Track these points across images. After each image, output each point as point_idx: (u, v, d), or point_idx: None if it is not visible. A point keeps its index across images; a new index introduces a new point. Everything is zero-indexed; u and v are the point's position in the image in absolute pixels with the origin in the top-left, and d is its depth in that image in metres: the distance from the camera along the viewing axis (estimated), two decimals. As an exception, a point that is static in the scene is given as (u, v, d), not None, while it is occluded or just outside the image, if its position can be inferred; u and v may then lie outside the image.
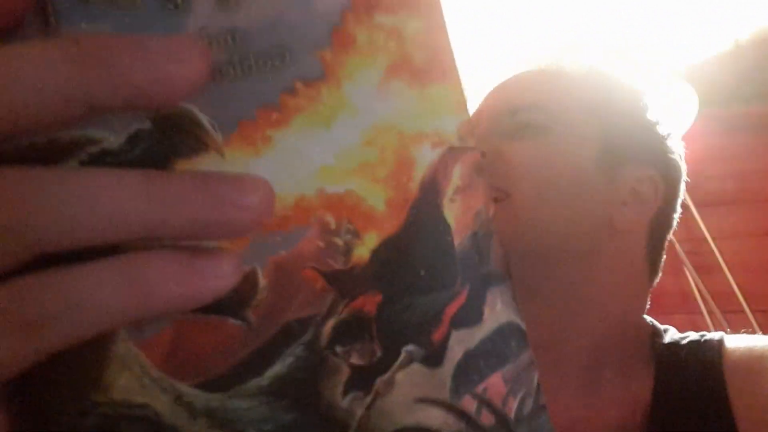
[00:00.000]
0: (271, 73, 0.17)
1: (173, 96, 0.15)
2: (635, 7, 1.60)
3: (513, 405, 0.20)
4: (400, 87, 0.18)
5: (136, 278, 0.15)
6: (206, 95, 0.16)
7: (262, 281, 0.18)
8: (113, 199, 0.15)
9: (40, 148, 0.15)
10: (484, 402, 0.20)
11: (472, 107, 0.61)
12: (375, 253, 0.18)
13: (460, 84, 0.19)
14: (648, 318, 0.58)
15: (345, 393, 0.19)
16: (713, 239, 1.80)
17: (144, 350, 0.17)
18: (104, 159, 0.16)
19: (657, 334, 0.57)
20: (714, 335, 0.55)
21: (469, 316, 0.20)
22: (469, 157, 0.19)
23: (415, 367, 0.19)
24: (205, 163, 0.17)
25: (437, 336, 0.19)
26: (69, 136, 0.16)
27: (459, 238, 0.19)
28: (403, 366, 0.19)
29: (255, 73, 0.17)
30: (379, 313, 0.19)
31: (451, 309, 0.19)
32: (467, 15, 1.67)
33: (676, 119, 1.70)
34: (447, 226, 0.19)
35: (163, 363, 0.18)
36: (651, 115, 0.58)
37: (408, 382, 0.19)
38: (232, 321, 0.18)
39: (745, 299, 1.73)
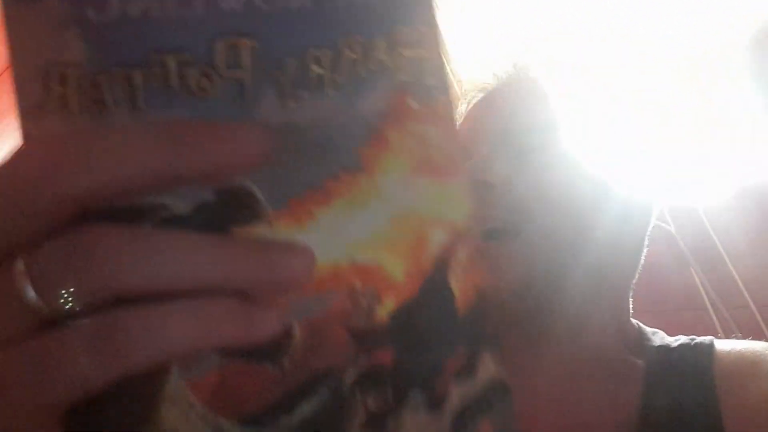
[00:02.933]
0: (318, 162, 0.21)
1: (238, 172, 0.20)
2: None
3: None
4: (422, 181, 0.22)
5: (203, 317, 0.19)
6: (264, 175, 0.20)
7: (298, 334, 0.21)
8: (188, 256, 0.19)
9: (121, 210, 0.19)
10: None
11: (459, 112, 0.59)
12: (393, 315, 0.22)
13: (466, 182, 0.23)
14: (633, 321, 0.58)
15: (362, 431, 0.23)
16: (717, 235, 1.79)
17: (192, 389, 0.20)
18: (173, 223, 0.20)
19: (644, 336, 0.57)
20: (704, 339, 0.55)
21: (466, 371, 0.24)
22: (471, 242, 0.23)
23: (422, 412, 0.23)
24: (258, 232, 0.20)
25: (440, 387, 0.23)
26: (144, 203, 0.19)
27: (462, 307, 0.23)
28: (411, 411, 0.23)
29: (306, 161, 0.21)
30: (393, 365, 0.23)
31: (452, 365, 0.23)
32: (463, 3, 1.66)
33: (682, 113, 1.69)
34: (452, 296, 0.23)
35: (208, 401, 0.21)
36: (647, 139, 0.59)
37: (414, 424, 0.23)
38: (269, 367, 0.21)
39: (750, 294, 1.72)
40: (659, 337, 0.56)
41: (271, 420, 0.21)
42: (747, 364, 0.50)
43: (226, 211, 0.20)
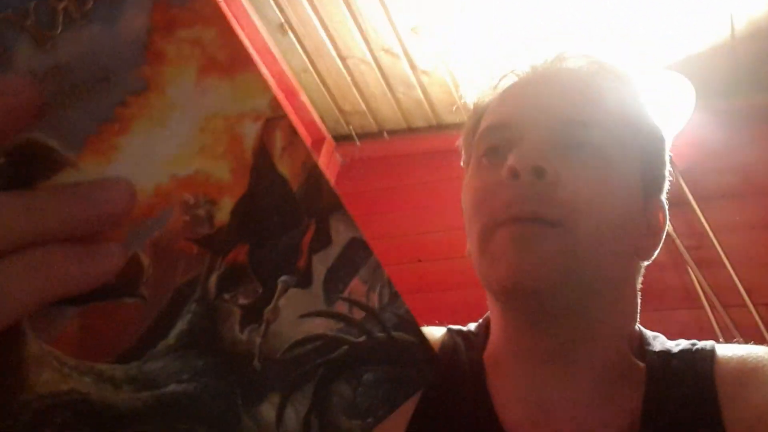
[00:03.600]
0: (102, 94, 0.20)
1: (13, 126, 0.19)
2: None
3: (375, 298, 0.25)
4: (213, 82, 0.22)
5: (39, 266, 0.18)
6: (50, 122, 0.20)
7: (146, 260, 0.21)
8: None
9: None
10: (352, 301, 0.25)
11: (500, 104, 0.57)
12: (233, 213, 0.23)
13: (258, 70, 0.23)
14: (637, 326, 0.58)
15: (242, 329, 0.23)
16: (714, 233, 1.79)
17: (56, 346, 0.20)
18: None
19: (645, 341, 0.56)
20: (706, 344, 0.54)
21: (321, 241, 0.24)
22: (284, 122, 0.23)
23: (292, 291, 0.24)
24: (64, 178, 0.20)
25: (301, 263, 0.24)
26: None
27: (296, 185, 0.24)
28: (282, 294, 0.24)
29: (88, 97, 0.20)
30: (250, 259, 0.23)
31: (306, 239, 0.24)
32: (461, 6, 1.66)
33: (674, 112, 1.69)
34: (282, 178, 0.23)
35: (78, 351, 0.21)
36: (666, 139, 0.58)
37: (290, 305, 0.24)
38: (128, 300, 0.21)
39: (747, 293, 1.72)
40: (660, 342, 0.56)
41: (149, 348, 0.22)
42: (748, 370, 0.50)
43: (23, 170, 0.20)
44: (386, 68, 1.93)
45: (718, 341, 0.55)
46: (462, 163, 0.62)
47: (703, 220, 1.80)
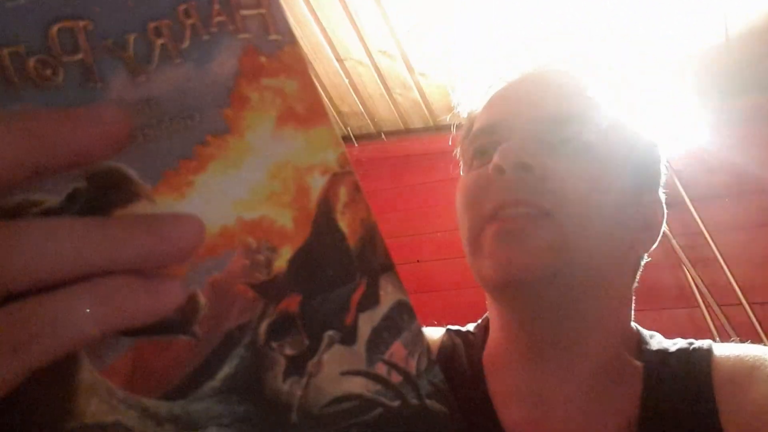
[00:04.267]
0: (185, 131, 0.21)
1: (102, 153, 0.19)
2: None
3: (413, 363, 0.26)
4: (289, 132, 0.23)
5: (105, 297, 0.19)
6: (132, 153, 0.20)
7: (203, 300, 0.22)
8: (71, 242, 0.18)
9: None
10: (392, 365, 0.25)
11: (488, 103, 0.58)
12: (291, 262, 0.23)
13: (332, 125, 0.24)
14: (633, 324, 0.58)
15: (284, 379, 0.23)
16: (709, 232, 1.80)
17: (107, 376, 0.20)
18: (48, 216, 0.19)
19: (643, 340, 0.56)
20: (703, 343, 0.54)
21: (370, 300, 0.25)
22: (350, 179, 0.24)
23: (336, 347, 0.24)
24: (139, 209, 0.21)
25: (348, 320, 0.24)
26: (13, 202, 0.19)
27: (353, 241, 0.24)
28: (327, 348, 0.24)
29: (172, 132, 0.21)
30: (301, 309, 0.23)
31: (356, 297, 0.24)
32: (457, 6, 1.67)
33: (670, 112, 1.70)
34: (342, 233, 0.24)
35: (127, 383, 0.21)
36: (659, 139, 0.58)
37: (333, 361, 0.24)
38: (182, 337, 0.21)
39: (742, 292, 1.73)
40: (657, 341, 0.56)
41: (195, 388, 0.22)
42: (746, 369, 0.50)
43: (101, 195, 0.20)
44: (383, 70, 1.94)
45: (713, 340, 0.55)
46: (461, 171, 0.63)
47: (698, 219, 1.82)
